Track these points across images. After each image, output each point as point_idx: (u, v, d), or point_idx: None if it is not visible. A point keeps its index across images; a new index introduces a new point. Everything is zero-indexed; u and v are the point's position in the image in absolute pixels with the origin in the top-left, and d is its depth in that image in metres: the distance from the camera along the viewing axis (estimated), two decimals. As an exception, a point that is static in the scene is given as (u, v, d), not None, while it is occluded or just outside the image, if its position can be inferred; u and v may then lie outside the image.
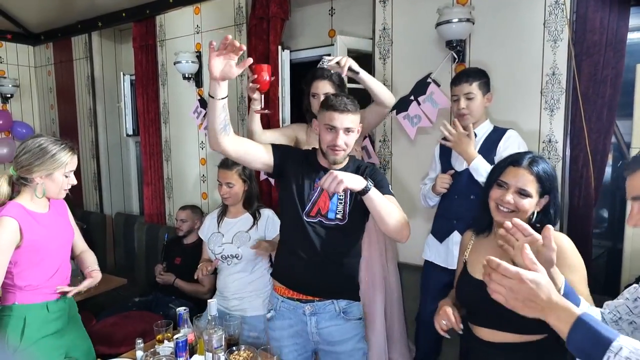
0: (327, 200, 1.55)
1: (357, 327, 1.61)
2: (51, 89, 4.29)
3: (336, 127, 1.47)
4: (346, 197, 1.54)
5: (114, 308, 2.72)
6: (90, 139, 3.99)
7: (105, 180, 4.00)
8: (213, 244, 2.10)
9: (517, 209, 1.23)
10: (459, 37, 2.01)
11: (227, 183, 2.06)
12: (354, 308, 1.61)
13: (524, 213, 1.23)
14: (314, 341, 1.61)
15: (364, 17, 2.54)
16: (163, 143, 3.46)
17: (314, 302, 1.58)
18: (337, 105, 1.46)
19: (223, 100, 1.40)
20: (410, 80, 2.24)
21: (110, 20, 3.59)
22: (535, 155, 1.27)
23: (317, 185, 1.55)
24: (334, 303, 1.58)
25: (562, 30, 1.86)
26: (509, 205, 1.23)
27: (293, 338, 1.63)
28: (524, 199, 1.22)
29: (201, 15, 3.09)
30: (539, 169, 1.22)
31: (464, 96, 1.78)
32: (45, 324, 1.68)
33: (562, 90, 1.89)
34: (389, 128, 2.37)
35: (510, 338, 1.23)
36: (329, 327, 1.58)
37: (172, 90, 3.35)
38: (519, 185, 1.22)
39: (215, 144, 1.46)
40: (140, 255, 3.50)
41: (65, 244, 1.77)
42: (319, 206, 1.55)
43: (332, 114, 1.47)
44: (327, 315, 1.58)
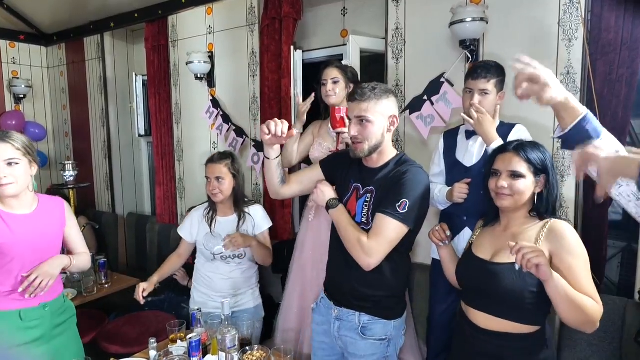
0: (354, 202, 1.50)
1: (375, 347, 1.48)
2: (63, 89, 4.34)
3: (350, 117, 1.46)
4: (370, 201, 1.45)
5: (126, 308, 2.75)
6: (102, 140, 4.03)
7: (117, 180, 4.04)
8: (210, 244, 2.05)
9: (513, 192, 1.28)
10: (472, 36, 2.00)
11: (216, 177, 1.99)
12: (377, 326, 1.48)
13: (522, 195, 1.28)
14: (338, 345, 1.58)
15: (376, 17, 2.54)
16: (175, 143, 3.48)
17: (341, 308, 1.54)
18: (350, 95, 1.47)
19: (277, 159, 1.53)
20: (423, 80, 2.23)
21: (122, 20, 3.63)
22: (521, 140, 1.35)
23: (350, 187, 1.53)
24: (355, 315, 1.50)
25: (577, 29, 1.85)
26: (504, 189, 1.28)
27: (323, 336, 1.63)
28: (517, 180, 1.27)
29: (213, 15, 3.10)
30: (525, 150, 1.29)
31: (479, 92, 1.74)
32: (18, 332, 1.57)
33: (576, 89, 1.87)
34: (402, 128, 2.36)
35: (504, 326, 1.25)
36: (347, 337, 1.52)
37: (184, 91, 3.37)
38: (509, 169, 1.29)
39: (275, 195, 1.63)
40: (152, 255, 3.53)
41: (48, 247, 1.65)
42: (349, 208, 1.50)
43: (348, 104, 1.47)
44: (348, 325, 1.51)
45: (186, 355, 1.62)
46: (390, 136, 1.48)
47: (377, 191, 1.44)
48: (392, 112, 1.44)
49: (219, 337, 1.62)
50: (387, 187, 1.42)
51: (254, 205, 2.13)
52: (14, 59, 4.21)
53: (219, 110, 3.10)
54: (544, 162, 1.28)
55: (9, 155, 1.50)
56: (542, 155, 1.29)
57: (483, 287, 1.29)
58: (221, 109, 3.10)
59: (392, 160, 1.47)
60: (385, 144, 1.46)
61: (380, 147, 1.45)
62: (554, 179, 1.30)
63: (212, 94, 3.17)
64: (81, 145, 4.25)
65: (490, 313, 1.28)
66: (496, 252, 1.31)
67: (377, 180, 1.46)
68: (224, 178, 2.00)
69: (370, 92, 1.40)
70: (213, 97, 3.15)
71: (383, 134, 1.43)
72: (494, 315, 1.27)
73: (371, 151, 1.44)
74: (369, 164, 1.50)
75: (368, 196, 1.46)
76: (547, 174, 1.29)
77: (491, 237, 1.37)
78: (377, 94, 1.40)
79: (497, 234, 1.36)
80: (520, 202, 1.29)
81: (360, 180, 1.51)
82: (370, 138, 1.42)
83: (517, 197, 1.28)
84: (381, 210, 1.38)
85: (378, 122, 1.41)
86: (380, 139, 1.43)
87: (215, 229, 2.06)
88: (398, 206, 1.35)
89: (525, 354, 1.25)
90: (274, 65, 2.73)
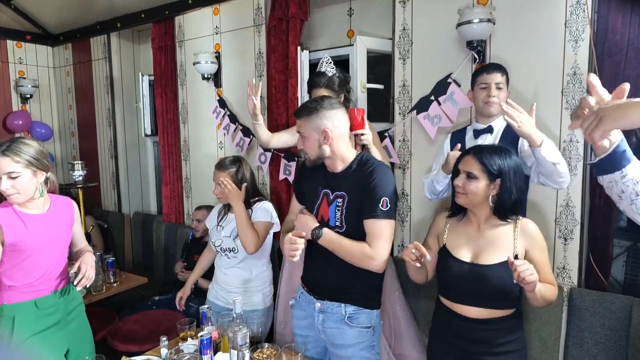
0: (327, 208, 1.57)
1: (362, 335, 1.57)
2: (70, 89, 4.37)
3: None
4: (343, 205, 1.53)
5: (134, 307, 2.78)
6: (108, 139, 4.05)
7: (124, 179, 4.07)
8: (214, 237, 2.15)
9: (465, 191, 1.41)
10: (479, 37, 2.01)
11: (218, 184, 2.07)
12: (362, 315, 1.57)
13: (474, 195, 1.41)
14: (322, 338, 1.64)
15: (383, 18, 2.55)
16: (182, 143, 3.51)
17: (324, 301, 1.60)
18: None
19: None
20: (430, 81, 2.25)
21: (129, 21, 3.65)
22: (486, 145, 1.50)
23: (319, 193, 1.60)
24: (341, 306, 1.57)
25: (584, 30, 1.86)
26: (459, 188, 1.43)
27: (306, 330, 1.68)
28: (470, 181, 1.40)
29: (220, 15, 3.12)
30: (482, 154, 1.40)
31: (496, 85, 1.78)
32: (36, 321, 1.67)
33: (583, 90, 1.88)
34: (409, 128, 2.38)
35: (489, 314, 1.41)
36: (332, 328, 1.58)
37: (191, 91, 3.39)
38: (465, 169, 1.42)
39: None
40: (158, 254, 3.55)
41: (60, 244, 1.74)
42: (321, 214, 1.59)
43: None
44: (333, 317, 1.58)
45: (197, 352, 1.63)
46: (338, 145, 1.52)
47: (349, 195, 1.52)
48: (322, 127, 1.49)
49: (230, 334, 1.64)
50: (361, 190, 1.49)
51: (263, 202, 2.14)
52: (21, 59, 4.25)
53: (225, 110, 3.12)
54: (501, 167, 1.38)
55: (8, 169, 1.55)
56: (501, 161, 1.39)
57: (473, 287, 1.41)
58: (228, 109, 3.12)
59: (354, 162, 1.55)
60: (336, 153, 1.53)
61: (327, 156, 1.54)
62: (511, 183, 1.38)
63: (219, 94, 3.19)
64: (87, 144, 4.28)
65: (478, 306, 1.42)
66: (477, 254, 1.43)
67: (346, 185, 1.53)
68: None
69: (300, 110, 1.54)
70: (220, 97, 3.17)
71: (320, 146, 1.52)
72: (481, 307, 1.41)
73: (316, 161, 1.56)
74: (332, 169, 1.58)
75: (339, 201, 1.53)
76: (503, 178, 1.38)
77: (466, 238, 1.48)
78: (307, 112, 1.51)
79: (472, 234, 1.47)
80: (474, 201, 1.42)
81: (327, 185, 1.58)
82: (308, 151, 1.55)
83: (470, 196, 1.41)
84: (368, 215, 1.47)
85: (310, 137, 1.52)
86: (319, 151, 1.52)
87: (222, 223, 2.15)
88: (381, 206, 1.45)
89: (506, 333, 1.42)
90: (280, 65, 2.75)
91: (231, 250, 2.09)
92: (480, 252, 1.42)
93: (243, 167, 2.12)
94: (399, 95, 2.39)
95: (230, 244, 2.09)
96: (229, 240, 2.09)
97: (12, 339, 1.62)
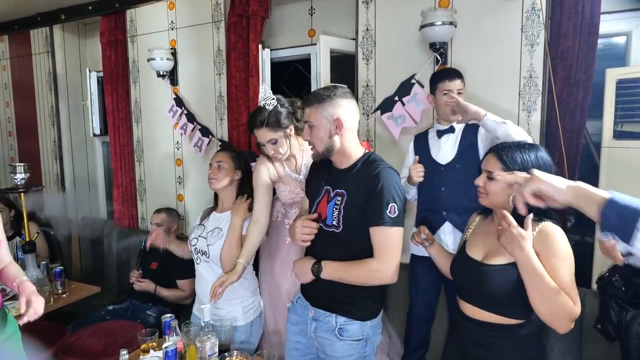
0: (325, 204, 1.49)
1: (352, 348, 1.48)
2: (6, 85, 4.02)
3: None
4: (341, 204, 1.45)
5: (87, 318, 2.59)
6: (52, 139, 3.77)
7: (70, 182, 3.80)
8: (193, 234, 2.02)
9: (486, 191, 1.32)
10: (442, 39, 2.06)
11: (217, 162, 1.94)
12: (352, 327, 1.47)
13: (496, 195, 1.30)
14: (314, 346, 1.57)
15: (345, 18, 2.55)
16: (135, 143, 3.32)
17: (317, 309, 1.54)
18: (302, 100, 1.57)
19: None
20: (393, 81, 2.27)
21: (74, 13, 3.41)
22: (507, 142, 1.37)
23: (321, 189, 1.54)
24: (332, 317, 1.49)
25: (539, 35, 1.96)
26: (480, 188, 1.33)
27: (298, 335, 1.62)
28: (491, 182, 1.30)
29: (176, 10, 2.99)
30: (502, 152, 1.30)
31: (457, 91, 1.87)
32: None
33: (538, 92, 1.98)
34: (372, 128, 2.39)
35: (488, 317, 1.30)
36: (323, 338, 1.52)
37: (145, 88, 3.22)
38: (486, 169, 1.33)
39: None
40: (110, 261, 3.35)
41: None
42: (320, 211, 1.52)
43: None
44: (324, 326, 1.51)
45: (162, 365, 1.55)
46: (347, 138, 1.44)
47: (349, 194, 1.44)
48: (336, 115, 1.41)
49: (198, 344, 1.57)
50: (364, 193, 1.40)
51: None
52: (-52, 51, 3.86)
53: (182, 109, 2.99)
54: (522, 164, 1.26)
55: None
56: (523, 157, 1.27)
57: (474, 286, 1.33)
58: (185, 108, 2.99)
59: (360, 160, 1.47)
60: (345, 146, 1.44)
61: (336, 150, 1.44)
62: None
63: (175, 92, 3.05)
64: (28, 145, 3.96)
65: (478, 306, 1.33)
66: (488, 253, 1.34)
67: (348, 183, 1.45)
68: (225, 164, 1.93)
69: (312, 97, 1.44)
70: (176, 95, 3.04)
71: (331, 137, 1.42)
72: (481, 309, 1.32)
73: (325, 154, 1.45)
74: (337, 165, 1.51)
75: (338, 199, 1.45)
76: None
77: (485, 237, 1.40)
78: (319, 99, 1.42)
79: (491, 234, 1.36)
80: (496, 201, 1.31)
81: (329, 182, 1.51)
82: (316, 142, 1.45)
83: (491, 197, 1.31)
84: (375, 222, 1.38)
85: (321, 125, 1.42)
86: (329, 142, 1.43)
87: (205, 222, 2.01)
88: (388, 212, 1.36)
89: (509, 344, 1.30)
90: (241, 63, 2.68)
91: (203, 254, 1.95)
92: (492, 252, 1.33)
93: (245, 158, 2.04)
94: (363, 96, 2.40)
95: (203, 247, 1.94)
96: (203, 242, 1.95)
97: None
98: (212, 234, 1.93)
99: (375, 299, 1.52)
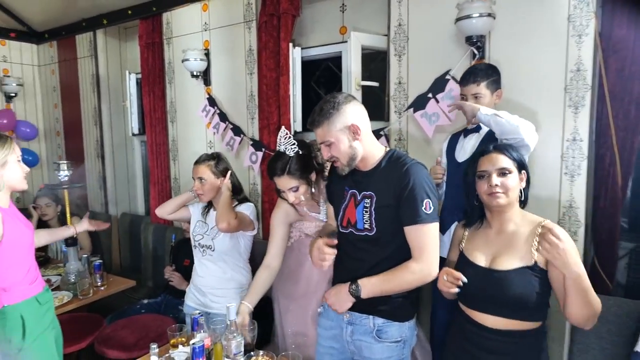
0: (353, 209, 1.46)
1: (391, 350, 1.46)
2: (55, 87, 4.23)
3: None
4: (370, 206, 1.41)
5: (123, 311, 2.68)
6: (95, 138, 3.93)
7: (111, 179, 3.95)
8: (196, 231, 2.11)
9: (505, 189, 1.31)
10: (479, 32, 1.95)
11: (198, 178, 2.00)
12: (391, 329, 1.45)
13: (514, 191, 1.32)
14: (350, 350, 1.54)
15: (376, 14, 2.48)
16: (170, 142, 3.41)
17: (353, 312, 1.48)
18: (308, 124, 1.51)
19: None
20: (427, 78, 2.18)
21: (115, 17, 3.53)
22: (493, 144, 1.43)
23: (346, 194, 1.50)
24: (369, 318, 1.47)
25: (588, 24, 1.80)
26: (498, 187, 1.31)
27: (331, 341, 1.59)
28: (507, 177, 1.32)
29: (209, 12, 3.03)
30: (507, 149, 1.36)
31: (472, 96, 1.76)
32: (40, 318, 1.65)
33: (587, 87, 1.83)
34: (405, 126, 2.31)
35: (510, 325, 1.29)
36: (360, 341, 1.49)
37: (180, 89, 3.29)
38: (497, 167, 1.33)
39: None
40: (147, 256, 3.45)
41: (32, 235, 1.74)
42: (348, 216, 1.48)
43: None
44: (361, 329, 1.48)
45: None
46: (366, 140, 1.41)
47: (378, 195, 1.41)
48: (349, 122, 1.37)
49: (224, 342, 1.57)
50: (394, 193, 1.37)
51: (245, 204, 2.05)
52: (5, 57, 4.12)
53: (215, 108, 3.02)
54: (522, 159, 1.36)
55: None
56: (519, 153, 1.37)
57: (489, 293, 1.31)
58: (217, 108, 3.02)
59: (383, 159, 1.44)
60: (366, 150, 1.42)
61: (360, 156, 1.41)
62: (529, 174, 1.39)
63: (208, 92, 3.09)
64: (74, 144, 4.15)
65: (496, 314, 1.31)
66: (494, 258, 1.34)
67: (375, 184, 1.42)
68: (206, 179, 2.00)
69: (318, 117, 1.39)
70: (209, 95, 3.08)
71: (351, 145, 1.39)
72: (499, 316, 1.30)
73: (350, 164, 1.41)
74: (360, 168, 1.47)
75: (367, 201, 1.42)
76: (526, 170, 1.37)
77: (485, 241, 1.40)
78: (324, 115, 1.37)
79: (491, 237, 1.38)
80: (513, 198, 1.34)
81: (354, 185, 1.48)
82: (339, 156, 1.40)
83: (510, 194, 1.32)
84: (411, 221, 1.34)
85: (339, 139, 1.38)
86: (351, 151, 1.39)
87: (206, 219, 2.11)
88: (424, 209, 1.33)
89: (529, 349, 1.30)
90: (272, 62, 2.67)
91: (208, 248, 2.05)
92: (497, 256, 1.33)
93: (222, 161, 2.06)
94: (395, 93, 2.32)
95: (208, 242, 2.05)
96: (207, 238, 2.06)
97: (25, 339, 1.57)
98: (214, 230, 2.05)
99: (412, 299, 1.50)
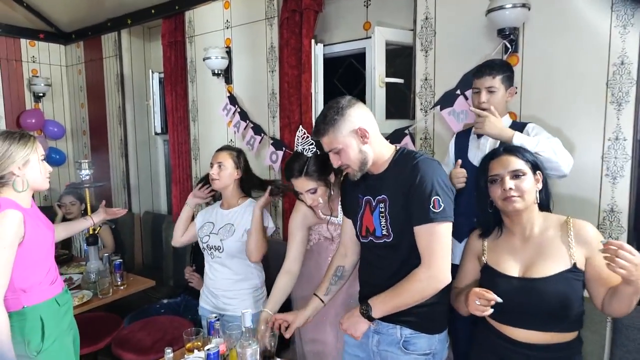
0: (370, 216, 1.40)
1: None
2: (81, 87, 4.31)
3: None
4: (385, 211, 1.35)
5: (143, 310, 2.67)
6: (119, 137, 3.98)
7: (134, 178, 3.98)
8: (203, 232, 2.04)
9: (521, 192, 1.26)
10: (512, 24, 1.83)
11: (218, 163, 1.95)
12: (420, 341, 1.37)
13: (529, 193, 1.27)
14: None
15: (402, 8, 2.38)
16: (192, 141, 3.40)
17: (379, 321, 1.40)
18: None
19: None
20: (455, 74, 2.07)
21: (139, 17, 3.56)
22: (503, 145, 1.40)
23: (360, 202, 1.44)
24: (396, 329, 1.39)
25: (634, 14, 1.67)
26: (513, 191, 1.26)
27: (357, 349, 1.52)
28: (521, 179, 1.27)
29: (231, 9, 3.00)
30: (518, 150, 1.31)
31: (486, 89, 1.68)
32: (60, 320, 1.64)
33: (632, 81, 1.69)
34: (431, 125, 2.21)
35: (547, 338, 1.22)
36: (387, 351, 1.41)
37: (201, 87, 3.28)
38: (509, 169, 1.28)
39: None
40: (168, 255, 3.45)
41: (53, 236, 1.72)
42: (366, 224, 1.41)
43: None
44: (388, 339, 1.41)
45: (204, 366, 1.52)
46: (375, 142, 1.35)
47: (391, 198, 1.34)
48: (356, 126, 1.31)
49: (239, 350, 1.51)
50: (404, 192, 1.29)
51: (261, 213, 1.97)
52: (34, 58, 4.21)
53: (236, 107, 2.99)
54: (535, 160, 1.31)
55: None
56: (531, 153, 1.33)
57: (525, 305, 1.23)
58: (239, 106, 2.99)
59: (394, 159, 1.38)
60: (376, 153, 1.36)
61: (371, 160, 1.35)
62: (546, 175, 1.34)
63: (229, 91, 3.06)
64: (99, 143, 4.21)
65: (530, 328, 1.23)
66: (528, 266, 1.26)
67: (387, 186, 1.35)
68: (225, 165, 1.95)
69: (323, 125, 1.33)
70: (230, 93, 3.05)
71: (361, 150, 1.33)
72: (534, 329, 1.23)
73: (362, 168, 1.36)
74: (372, 171, 1.40)
75: (382, 206, 1.36)
76: (542, 171, 1.31)
77: (510, 250, 1.31)
78: (328, 122, 1.32)
79: (517, 245, 1.31)
80: (530, 201, 1.28)
81: (367, 191, 1.42)
82: (350, 162, 1.35)
83: (526, 197, 1.27)
84: (418, 221, 1.26)
85: (348, 145, 1.32)
86: (362, 155, 1.34)
87: (213, 219, 2.04)
88: (432, 207, 1.23)
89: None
90: (293, 59, 2.61)
91: (216, 249, 1.98)
92: (531, 264, 1.25)
93: (243, 156, 2.04)
94: (421, 90, 2.22)
95: (217, 242, 1.97)
96: (215, 238, 1.98)
97: (44, 340, 1.56)
98: (223, 230, 1.98)
99: (444, 308, 1.41)
